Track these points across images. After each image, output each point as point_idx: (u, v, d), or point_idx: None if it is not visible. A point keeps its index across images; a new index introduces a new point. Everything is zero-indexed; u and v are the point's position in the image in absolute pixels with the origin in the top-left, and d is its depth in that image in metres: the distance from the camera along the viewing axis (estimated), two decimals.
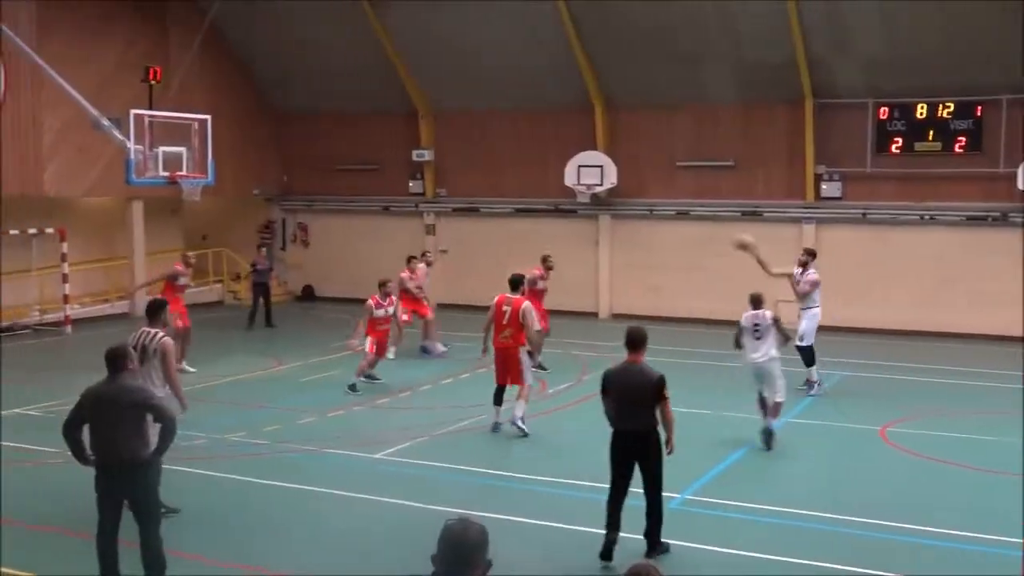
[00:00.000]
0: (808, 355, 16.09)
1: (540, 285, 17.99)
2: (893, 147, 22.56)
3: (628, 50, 23.49)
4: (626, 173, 24.72)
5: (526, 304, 13.42)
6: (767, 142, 23.85)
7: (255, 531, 9.76)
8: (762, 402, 12.92)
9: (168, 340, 10.10)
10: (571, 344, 19.91)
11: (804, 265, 16.22)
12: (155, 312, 10.31)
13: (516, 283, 13.77)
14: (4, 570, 8.37)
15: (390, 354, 18.07)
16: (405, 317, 18.87)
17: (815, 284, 16.11)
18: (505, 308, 13.35)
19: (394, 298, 17.19)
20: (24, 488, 10.82)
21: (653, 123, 24.84)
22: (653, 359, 9.20)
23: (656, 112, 24.66)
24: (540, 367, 16.80)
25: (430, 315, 19.79)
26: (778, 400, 12.86)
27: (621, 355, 9.15)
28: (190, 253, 19.77)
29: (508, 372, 13.42)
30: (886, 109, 22.50)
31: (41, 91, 22.15)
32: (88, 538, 8.02)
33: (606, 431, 9.07)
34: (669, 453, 8.99)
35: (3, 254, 22.07)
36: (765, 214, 23.84)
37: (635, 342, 9.02)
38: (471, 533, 4.27)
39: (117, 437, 7.64)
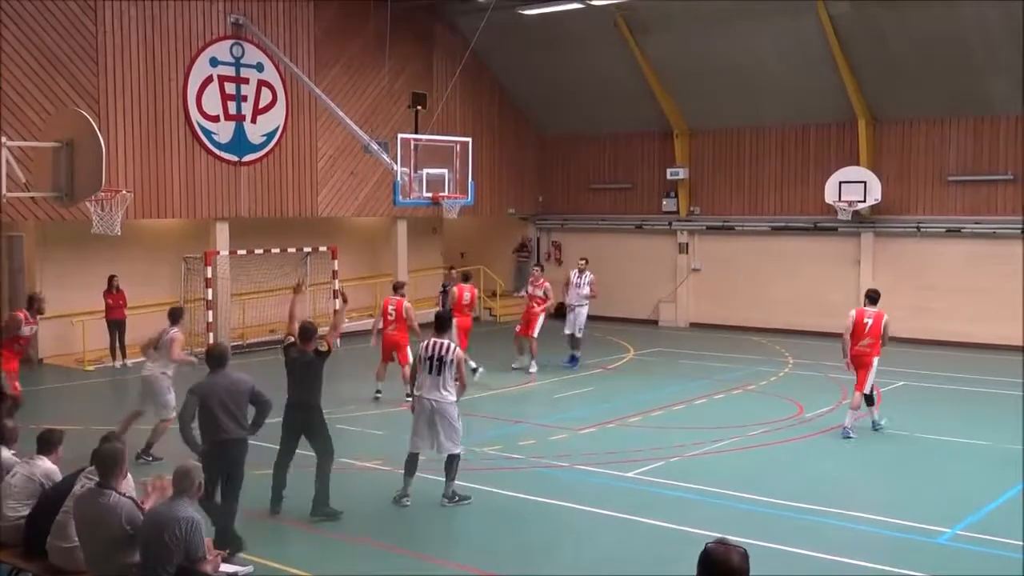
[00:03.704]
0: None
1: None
2: None
3: (896, 62, 22.42)
4: (891, 189, 23.66)
5: (886, 317, 14.30)
6: None
7: (520, 544, 9.87)
8: None
9: (460, 352, 11.10)
10: (829, 367, 19.10)
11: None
12: (444, 325, 11.24)
13: (875, 298, 14.59)
14: (283, 567, 8.94)
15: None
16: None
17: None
18: (867, 320, 14.25)
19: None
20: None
21: (922, 136, 23.67)
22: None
23: (926, 125, 23.51)
24: None
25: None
26: None
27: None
28: (38, 294, 14.30)
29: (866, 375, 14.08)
30: None
31: (317, 120, 23.77)
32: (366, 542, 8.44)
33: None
34: None
35: (282, 271, 23.68)
36: None
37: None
38: (733, 557, 4.18)
39: (235, 418, 9.05)
